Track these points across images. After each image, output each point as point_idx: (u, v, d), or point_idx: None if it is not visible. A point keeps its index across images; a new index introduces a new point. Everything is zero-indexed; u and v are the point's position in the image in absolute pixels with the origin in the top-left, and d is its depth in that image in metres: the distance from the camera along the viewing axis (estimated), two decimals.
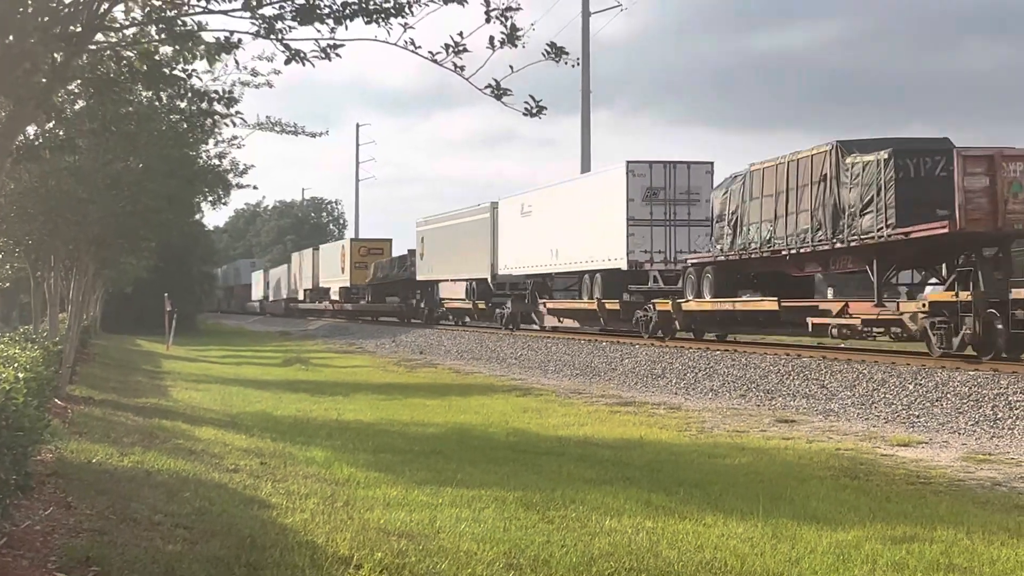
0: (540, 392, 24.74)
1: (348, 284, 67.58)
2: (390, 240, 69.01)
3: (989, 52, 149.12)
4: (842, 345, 26.34)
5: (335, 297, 72.66)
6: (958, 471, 13.59)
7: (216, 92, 10.25)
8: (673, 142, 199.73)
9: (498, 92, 8.07)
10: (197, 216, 40.25)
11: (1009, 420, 16.76)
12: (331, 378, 30.01)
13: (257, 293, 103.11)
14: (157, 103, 15.79)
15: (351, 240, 72.50)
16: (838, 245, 23.62)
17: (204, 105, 10.59)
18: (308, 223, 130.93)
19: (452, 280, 50.34)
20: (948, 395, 18.46)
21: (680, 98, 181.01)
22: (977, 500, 11.49)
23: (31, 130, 11.89)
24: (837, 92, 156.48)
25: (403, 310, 59.30)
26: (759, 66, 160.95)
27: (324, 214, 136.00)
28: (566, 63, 8.22)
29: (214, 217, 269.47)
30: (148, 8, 8.04)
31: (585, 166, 49.61)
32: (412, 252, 56.88)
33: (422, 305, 56.15)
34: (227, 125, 13.32)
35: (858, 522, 9.93)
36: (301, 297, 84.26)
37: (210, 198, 28.99)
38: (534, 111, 8.21)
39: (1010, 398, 17.39)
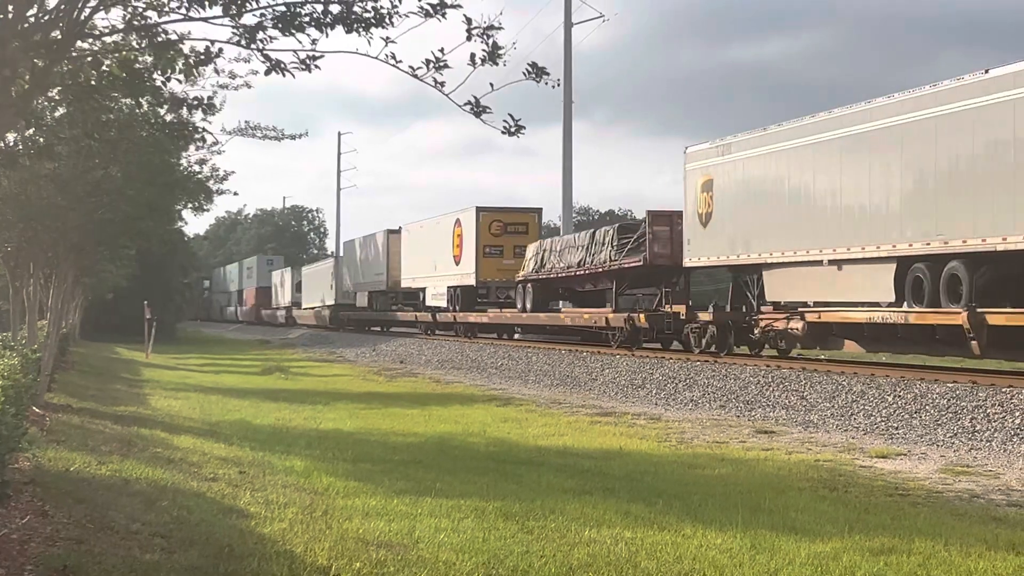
0: (520, 402, 24.72)
1: (473, 281, 43.68)
2: (539, 210, 45.06)
3: (964, 64, 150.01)
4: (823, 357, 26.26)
5: (438, 302, 47.67)
6: (936, 483, 13.63)
7: (196, 100, 10.23)
8: (653, 152, 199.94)
9: (477, 109, 8.07)
10: (178, 224, 40.16)
11: (987, 432, 16.83)
12: (311, 387, 29.94)
13: (282, 298, 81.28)
14: (138, 110, 15.78)
15: (478, 209, 44.03)
16: None
17: (184, 112, 10.58)
18: (289, 231, 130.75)
19: (853, 261, 22.74)
20: (927, 407, 18.52)
21: (657, 109, 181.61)
22: (955, 512, 11.52)
23: (11, 137, 11.85)
24: (814, 104, 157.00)
25: (629, 327, 31.25)
26: (736, 78, 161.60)
27: (304, 222, 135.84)
28: (547, 83, 8.21)
29: (195, 225, 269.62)
30: (128, 16, 8.03)
31: (567, 176, 49.59)
32: (657, 214, 30.88)
33: (705, 318, 28.27)
34: (203, 139, 13.32)
35: (837, 534, 9.95)
36: (363, 303, 60.44)
37: (191, 205, 28.92)
38: (512, 130, 8.20)
39: (988, 410, 17.46)
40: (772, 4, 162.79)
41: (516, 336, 43.41)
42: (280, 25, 7.68)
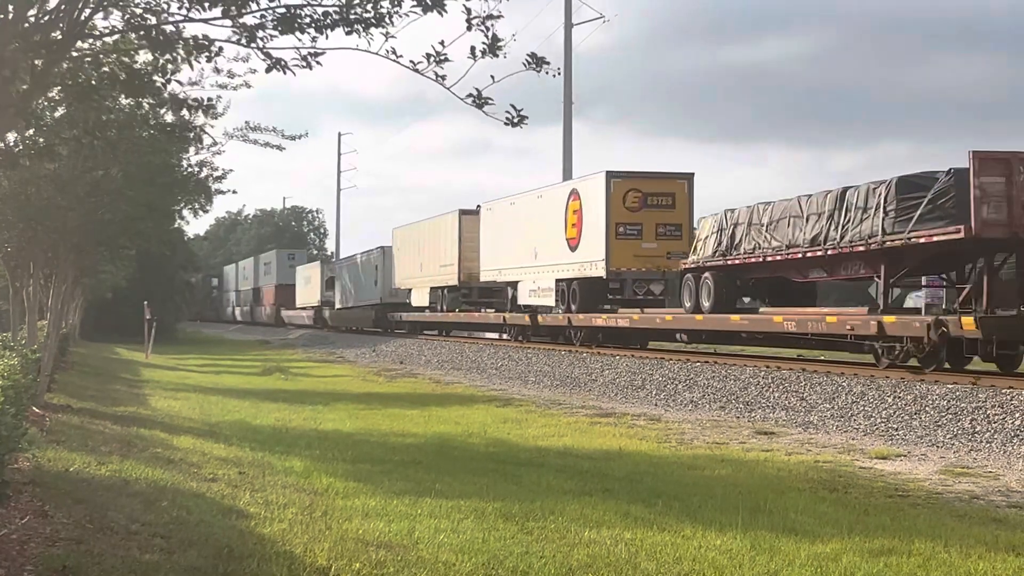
0: (520, 403, 24.71)
1: (601, 272, 32.60)
2: (691, 175, 32.82)
3: (958, 68, 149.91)
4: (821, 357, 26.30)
5: (539, 300, 37.30)
6: (936, 484, 13.63)
7: (196, 100, 10.22)
8: (650, 152, 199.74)
9: (480, 101, 8.10)
10: (178, 223, 40.12)
11: (987, 433, 16.82)
12: (310, 387, 29.92)
13: (309, 297, 72.40)
14: (138, 110, 15.77)
15: (609, 174, 32.52)
16: None
17: (184, 114, 10.58)
18: (289, 231, 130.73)
19: None
20: (927, 408, 18.51)
21: (656, 110, 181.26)
22: (955, 513, 11.52)
23: (11, 137, 11.85)
24: (811, 105, 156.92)
25: (936, 337, 19.68)
26: (733, 79, 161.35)
27: (304, 223, 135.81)
28: (547, 73, 8.25)
29: (195, 225, 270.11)
30: (128, 16, 8.03)
31: (567, 175, 49.57)
32: (987, 157, 18.93)
33: None
34: (206, 136, 13.34)
35: (837, 535, 9.94)
36: (421, 302, 49.38)
37: (191, 206, 28.91)
38: (515, 120, 8.23)
39: (988, 411, 17.45)
40: (771, 5, 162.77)
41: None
42: (280, 27, 7.70)
